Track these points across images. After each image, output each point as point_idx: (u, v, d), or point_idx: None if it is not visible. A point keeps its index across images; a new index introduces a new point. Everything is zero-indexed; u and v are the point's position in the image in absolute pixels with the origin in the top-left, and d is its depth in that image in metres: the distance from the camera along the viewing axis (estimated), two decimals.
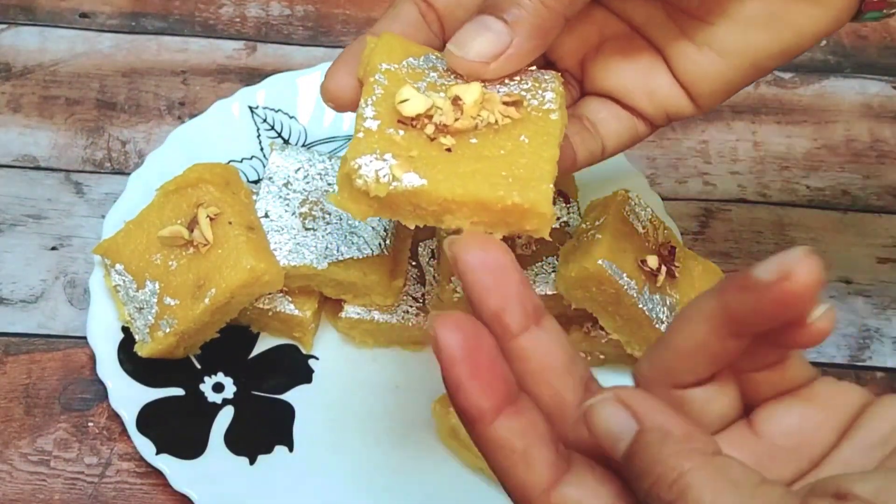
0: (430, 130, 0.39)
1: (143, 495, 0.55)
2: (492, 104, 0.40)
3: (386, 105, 0.40)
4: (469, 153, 0.39)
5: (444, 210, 0.37)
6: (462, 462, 0.56)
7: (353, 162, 0.37)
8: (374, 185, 0.37)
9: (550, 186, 0.38)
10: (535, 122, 0.40)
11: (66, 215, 0.65)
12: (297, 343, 0.60)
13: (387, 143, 0.38)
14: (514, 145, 0.39)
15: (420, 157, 0.38)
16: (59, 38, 0.73)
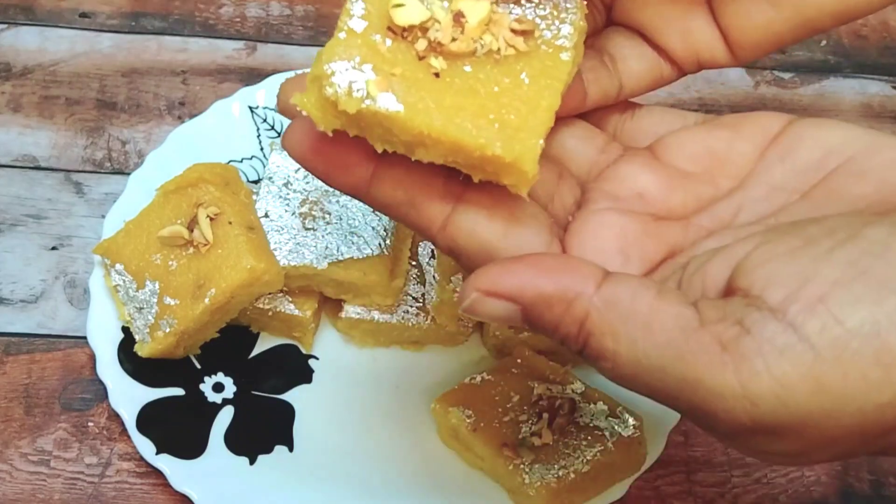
0: (422, 46, 0.35)
1: (143, 495, 0.55)
2: (498, 28, 0.36)
3: (378, 5, 0.35)
4: (459, 83, 0.34)
5: (418, 143, 0.33)
6: (462, 462, 0.57)
7: (327, 65, 0.33)
8: (344, 98, 0.32)
9: (540, 142, 0.34)
10: (542, 60, 0.36)
11: (66, 215, 0.65)
12: (297, 343, 0.60)
13: (369, 51, 0.34)
14: (512, 83, 0.35)
15: (403, 76, 0.34)
16: (59, 38, 0.73)
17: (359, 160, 0.34)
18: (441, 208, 0.35)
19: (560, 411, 0.54)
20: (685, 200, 0.37)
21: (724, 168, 0.37)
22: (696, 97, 0.74)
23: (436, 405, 0.56)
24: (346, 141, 0.34)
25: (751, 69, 0.76)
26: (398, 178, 0.35)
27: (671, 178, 0.37)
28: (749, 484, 0.58)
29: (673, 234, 0.36)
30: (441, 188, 0.35)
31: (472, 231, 0.35)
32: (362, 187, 0.35)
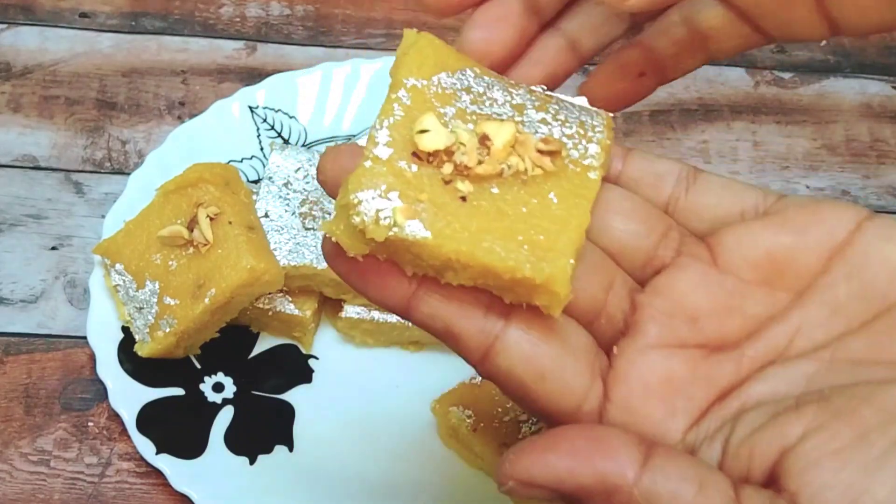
0: (448, 171, 0.34)
1: (143, 495, 0.55)
2: (524, 149, 0.35)
3: (403, 131, 0.35)
4: (486, 205, 0.34)
5: (447, 267, 0.33)
6: (462, 462, 0.57)
7: (354, 195, 0.33)
8: (371, 227, 0.32)
9: (571, 262, 0.33)
10: (570, 179, 0.35)
11: (66, 215, 0.65)
12: (297, 343, 0.60)
13: (395, 178, 0.34)
14: (540, 203, 0.34)
15: (430, 202, 0.33)
16: (59, 38, 0.73)
17: (398, 281, 0.34)
18: (478, 342, 0.34)
19: None
20: (742, 325, 0.35)
21: (784, 279, 0.35)
22: (696, 97, 0.74)
23: (436, 405, 0.56)
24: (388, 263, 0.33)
25: (750, 69, 0.76)
26: (436, 303, 0.34)
27: (729, 298, 0.35)
28: None
29: (724, 373, 0.34)
30: (481, 316, 0.33)
31: (509, 371, 0.33)
32: (402, 307, 0.34)
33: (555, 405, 0.33)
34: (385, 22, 0.76)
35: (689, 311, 0.35)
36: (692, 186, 0.37)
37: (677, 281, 0.35)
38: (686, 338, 0.34)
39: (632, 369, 0.34)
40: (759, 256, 0.35)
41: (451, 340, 0.34)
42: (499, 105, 0.36)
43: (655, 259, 0.36)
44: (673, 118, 0.73)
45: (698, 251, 0.36)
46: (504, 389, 0.34)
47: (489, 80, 0.37)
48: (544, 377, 0.33)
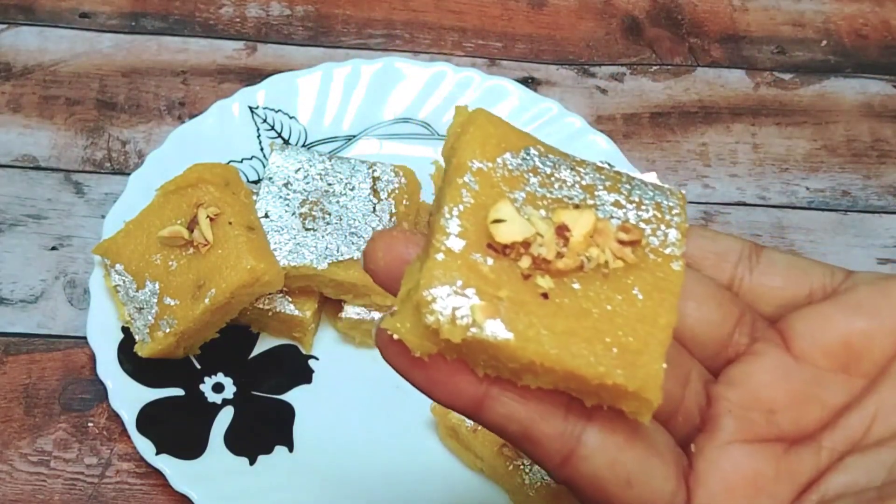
0: (526, 264, 0.32)
1: (143, 495, 0.55)
2: (604, 239, 0.33)
3: (475, 220, 0.32)
4: (568, 304, 0.32)
5: (527, 370, 0.31)
6: (462, 462, 0.57)
7: (428, 292, 0.31)
8: (447, 327, 0.30)
9: (663, 366, 0.31)
10: (653, 272, 0.33)
11: (66, 215, 0.65)
12: (297, 343, 0.60)
13: (471, 273, 0.31)
14: (625, 300, 0.32)
15: (510, 300, 0.31)
16: (59, 38, 0.73)
17: (468, 381, 0.31)
18: (559, 446, 0.32)
19: None
20: (819, 415, 0.33)
21: (860, 364, 0.34)
22: (696, 99, 0.74)
23: (436, 405, 0.56)
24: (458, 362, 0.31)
25: (750, 70, 0.76)
26: (513, 404, 0.32)
27: (806, 387, 0.34)
28: None
29: (804, 468, 0.33)
30: (561, 419, 0.32)
31: (593, 477, 0.32)
32: (472, 408, 0.32)
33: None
34: (385, 22, 0.76)
35: (766, 403, 0.33)
36: (756, 267, 0.36)
37: (753, 371, 0.34)
38: (764, 432, 0.33)
39: (713, 469, 0.32)
40: (834, 343, 0.34)
41: (528, 444, 0.32)
42: (568, 186, 0.34)
43: (730, 347, 0.35)
44: (672, 121, 0.73)
45: (772, 337, 0.34)
46: (583, 496, 0.33)
47: (554, 159, 0.35)
48: (631, 483, 0.32)
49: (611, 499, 0.32)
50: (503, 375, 0.31)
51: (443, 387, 0.31)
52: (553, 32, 0.77)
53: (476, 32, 0.77)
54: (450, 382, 0.31)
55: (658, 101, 0.74)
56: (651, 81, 0.75)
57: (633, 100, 0.74)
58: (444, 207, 0.32)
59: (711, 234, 0.36)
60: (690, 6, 0.80)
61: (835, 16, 0.80)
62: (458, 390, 0.31)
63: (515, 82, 0.69)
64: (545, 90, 0.73)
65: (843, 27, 0.79)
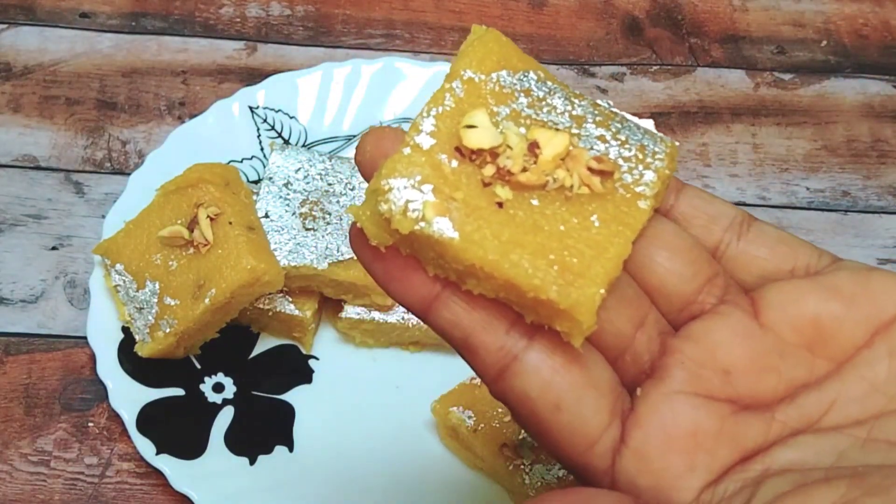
0: (489, 172, 0.32)
1: (143, 495, 0.55)
2: (575, 164, 0.33)
3: (450, 123, 0.33)
4: (522, 216, 0.32)
5: (470, 273, 0.31)
6: (462, 462, 0.57)
7: (385, 181, 0.31)
8: (398, 217, 0.31)
9: (601, 291, 0.31)
10: (617, 204, 0.33)
11: (66, 215, 0.65)
12: (297, 343, 0.60)
13: (432, 170, 0.32)
14: (580, 224, 0.32)
15: (463, 202, 0.31)
16: (59, 38, 0.73)
17: (421, 279, 0.32)
18: (495, 359, 0.32)
19: None
20: (776, 386, 0.33)
21: (826, 347, 0.33)
22: (696, 99, 0.74)
23: (436, 405, 0.56)
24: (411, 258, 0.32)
25: (751, 70, 0.76)
26: (459, 310, 0.32)
27: (767, 356, 0.33)
28: None
29: (751, 434, 0.32)
30: (503, 332, 0.32)
31: (524, 395, 0.32)
32: (422, 308, 0.32)
33: (567, 441, 0.32)
34: (385, 22, 0.76)
35: (722, 362, 0.33)
36: (745, 235, 0.35)
37: (715, 330, 0.33)
38: (715, 390, 0.33)
39: (654, 415, 0.32)
40: (804, 319, 0.33)
41: (467, 352, 0.32)
42: (557, 113, 0.34)
43: (695, 304, 0.34)
44: (672, 121, 0.73)
45: (741, 302, 0.34)
46: (515, 415, 0.33)
47: (552, 86, 0.35)
48: (560, 408, 0.31)
49: (540, 421, 0.32)
50: (450, 277, 0.32)
51: (397, 282, 0.32)
52: (553, 32, 0.77)
53: None
54: (404, 278, 0.32)
55: (658, 101, 0.74)
56: (651, 81, 0.75)
57: (633, 100, 0.74)
58: (424, 107, 0.33)
59: (708, 196, 0.36)
60: (690, 6, 0.80)
61: (835, 16, 0.80)
62: (411, 287, 0.32)
63: None
64: None
65: (843, 27, 0.79)
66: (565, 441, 0.32)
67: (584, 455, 0.32)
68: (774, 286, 0.34)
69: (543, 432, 0.32)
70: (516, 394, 0.32)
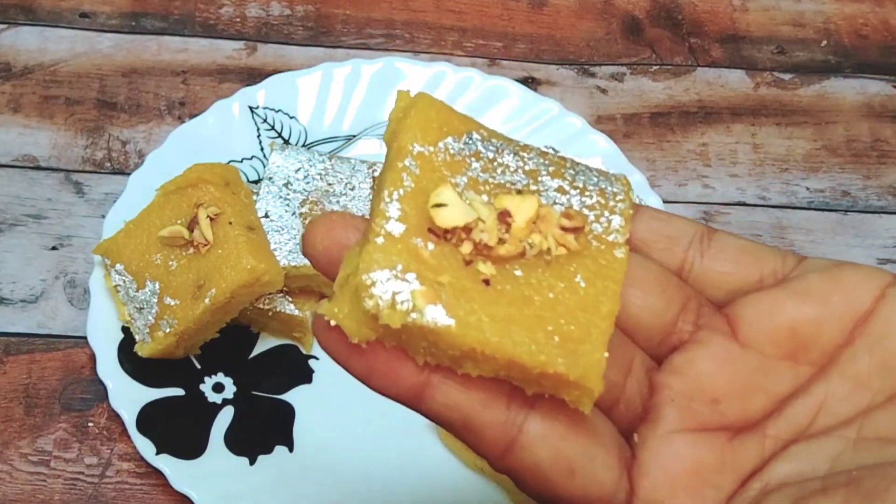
0: (467, 250, 0.31)
1: (143, 495, 0.55)
2: (546, 225, 0.32)
3: (415, 204, 0.32)
4: (511, 290, 0.31)
5: (468, 358, 0.30)
6: (462, 462, 0.57)
7: (366, 275, 0.30)
8: (387, 312, 0.29)
9: (605, 355, 0.30)
10: (596, 259, 0.32)
11: (66, 215, 0.65)
12: (297, 343, 0.60)
13: (412, 258, 0.31)
14: (568, 287, 0.31)
15: (451, 286, 0.30)
16: (59, 38, 0.73)
17: (408, 369, 0.31)
18: (500, 435, 0.31)
19: None
20: (764, 404, 0.33)
21: (807, 352, 0.33)
22: (696, 99, 0.74)
23: None
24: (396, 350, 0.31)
25: (751, 70, 0.76)
26: (451, 397, 0.31)
27: (751, 375, 0.33)
28: None
29: (749, 456, 0.32)
30: (504, 407, 0.31)
31: (535, 466, 0.31)
32: (412, 397, 0.31)
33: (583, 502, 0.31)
34: (385, 22, 0.76)
35: (709, 392, 0.33)
36: (707, 251, 0.35)
37: (697, 359, 0.33)
38: (707, 421, 0.33)
39: (655, 460, 0.32)
40: (781, 330, 0.33)
41: (469, 434, 0.31)
42: (511, 171, 0.33)
43: (673, 335, 0.34)
44: (672, 121, 0.73)
45: (718, 324, 0.33)
46: (525, 485, 0.32)
47: (497, 144, 0.34)
48: (574, 472, 0.31)
49: (553, 488, 0.31)
50: (443, 363, 0.31)
51: (382, 375, 0.31)
52: (553, 32, 0.77)
53: (476, 32, 0.77)
54: (389, 371, 0.31)
55: (658, 101, 0.74)
56: (651, 81, 0.75)
57: (634, 100, 0.74)
58: (384, 191, 0.32)
59: (665, 216, 0.36)
60: (690, 6, 0.80)
61: (835, 16, 0.80)
62: (398, 379, 0.31)
63: (515, 82, 0.69)
64: (545, 90, 0.73)
65: (843, 27, 0.79)
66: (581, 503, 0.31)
67: None
68: (747, 301, 0.34)
69: (558, 498, 0.31)
70: (527, 466, 0.31)
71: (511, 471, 0.31)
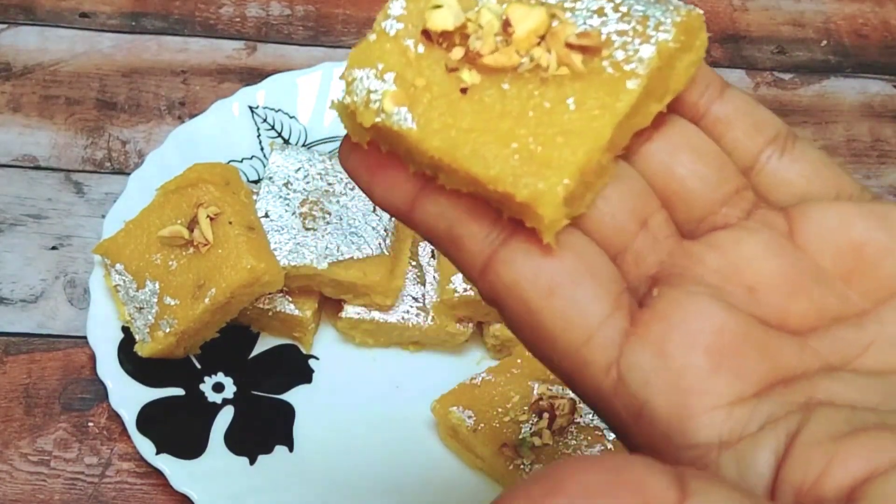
0: (457, 56, 0.29)
1: (143, 495, 0.55)
2: (554, 41, 0.29)
3: (421, 5, 0.30)
4: (489, 103, 0.28)
5: (436, 167, 0.29)
6: (462, 462, 0.56)
7: (349, 72, 0.29)
8: (361, 109, 0.29)
9: (566, 181, 0.27)
10: (600, 86, 0.28)
11: (66, 215, 0.65)
12: (297, 343, 0.60)
13: (397, 57, 0.29)
14: (553, 108, 0.28)
15: (425, 89, 0.29)
16: (59, 37, 0.73)
17: (403, 177, 0.30)
18: (482, 248, 0.29)
19: (560, 411, 0.54)
20: (806, 313, 0.29)
21: (864, 279, 0.29)
22: None
23: (436, 405, 0.56)
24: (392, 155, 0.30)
25: (751, 70, 0.76)
26: (441, 206, 0.29)
27: (800, 276, 0.29)
28: None
29: (785, 352, 0.28)
30: (487, 225, 0.29)
31: (513, 283, 0.28)
32: (406, 207, 0.30)
33: (561, 331, 0.28)
34: None
35: (748, 277, 0.29)
36: (789, 150, 0.31)
37: (742, 241, 0.29)
38: (740, 303, 0.28)
39: (674, 309, 0.28)
40: (845, 245, 0.29)
41: (452, 245, 0.30)
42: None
43: (718, 216, 0.30)
44: None
45: (774, 220, 0.30)
46: (504, 312, 0.29)
47: None
48: (553, 292, 0.28)
49: (531, 311, 0.28)
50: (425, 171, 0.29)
51: (380, 181, 0.30)
52: None
53: None
54: (385, 176, 0.30)
55: None
56: None
57: None
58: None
59: (753, 102, 0.32)
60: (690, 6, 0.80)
61: (835, 16, 0.80)
62: (394, 185, 0.30)
63: None
64: None
65: (843, 27, 0.79)
66: (559, 332, 0.28)
67: (581, 349, 0.28)
68: (817, 205, 0.30)
69: (535, 325, 0.29)
70: (505, 283, 0.29)
71: (491, 290, 0.29)
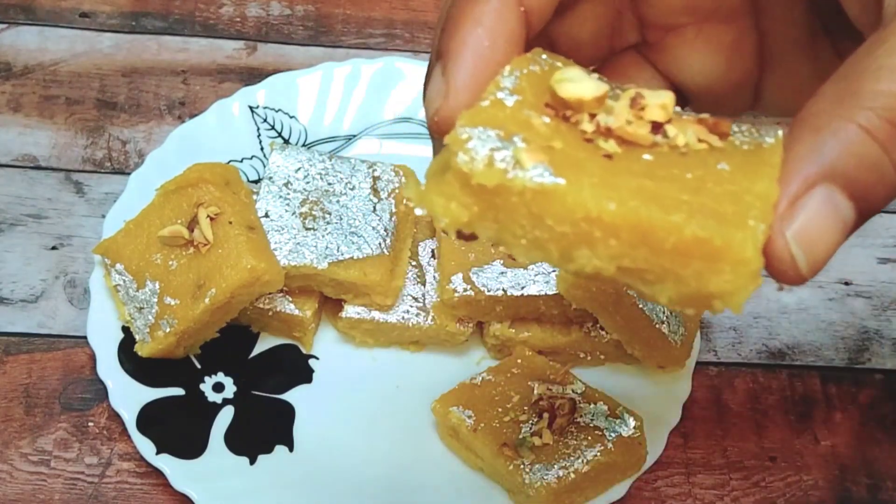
0: (590, 129, 0.27)
1: (143, 495, 0.55)
2: (683, 123, 0.28)
3: (536, 83, 0.28)
4: (637, 168, 0.26)
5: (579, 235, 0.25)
6: (462, 462, 0.57)
7: (462, 130, 0.26)
8: (482, 169, 0.25)
9: (762, 227, 0.25)
10: (743, 154, 0.27)
11: (66, 215, 0.65)
12: (297, 343, 0.60)
13: (520, 123, 0.26)
14: (708, 172, 0.26)
15: (564, 151, 0.26)
16: (60, 37, 0.73)
17: None
18: None
19: (560, 411, 0.54)
20: None
21: None
22: None
23: (436, 405, 0.56)
24: None
25: None
26: None
27: None
28: (747, 487, 0.58)
29: None
30: None
31: None
32: None
33: None
34: (385, 22, 0.76)
35: None
36: None
37: None
38: None
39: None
40: None
41: None
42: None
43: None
44: None
45: None
46: None
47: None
48: None
49: None
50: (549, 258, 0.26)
51: None
52: None
53: None
54: None
55: None
56: None
57: None
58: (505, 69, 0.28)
59: None
60: None
61: None
62: None
63: None
64: None
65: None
66: None
67: None
68: None
69: None
70: None
71: None
